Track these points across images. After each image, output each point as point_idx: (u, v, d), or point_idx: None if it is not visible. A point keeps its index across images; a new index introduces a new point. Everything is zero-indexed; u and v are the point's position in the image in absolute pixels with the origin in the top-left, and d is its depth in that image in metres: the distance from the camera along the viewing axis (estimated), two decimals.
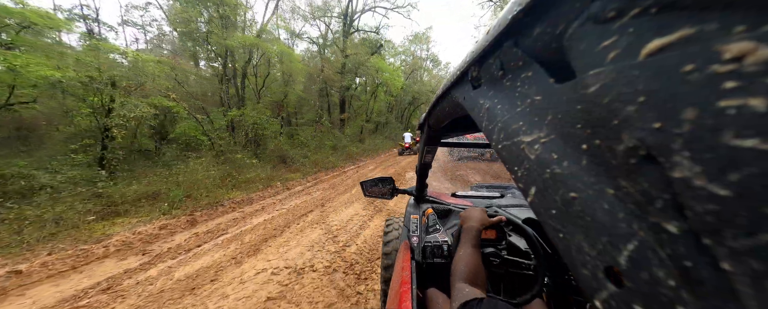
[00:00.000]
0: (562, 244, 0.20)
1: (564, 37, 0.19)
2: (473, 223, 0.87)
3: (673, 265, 0.13)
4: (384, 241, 1.77)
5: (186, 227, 4.02)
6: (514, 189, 2.12)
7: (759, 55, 0.10)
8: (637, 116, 0.14)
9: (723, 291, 0.12)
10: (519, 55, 0.25)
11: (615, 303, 0.16)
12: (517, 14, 0.23)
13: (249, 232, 3.73)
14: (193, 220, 4.27)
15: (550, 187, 0.21)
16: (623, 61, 0.15)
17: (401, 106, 24.36)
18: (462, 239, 0.83)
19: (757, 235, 0.10)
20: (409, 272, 0.98)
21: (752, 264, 0.11)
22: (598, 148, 0.17)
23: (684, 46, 0.12)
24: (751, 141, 0.10)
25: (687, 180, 0.12)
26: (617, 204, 0.16)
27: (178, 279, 2.65)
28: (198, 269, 2.81)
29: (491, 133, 0.29)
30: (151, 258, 3.08)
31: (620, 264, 0.16)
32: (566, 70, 0.19)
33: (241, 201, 5.31)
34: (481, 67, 0.34)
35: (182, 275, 2.71)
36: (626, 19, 0.15)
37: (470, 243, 0.79)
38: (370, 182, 1.69)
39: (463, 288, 0.63)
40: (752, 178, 0.10)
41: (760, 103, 0.10)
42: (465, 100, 0.40)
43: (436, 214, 1.40)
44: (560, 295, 1.06)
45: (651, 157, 0.14)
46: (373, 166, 10.25)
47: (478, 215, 0.91)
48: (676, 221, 0.13)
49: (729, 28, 0.11)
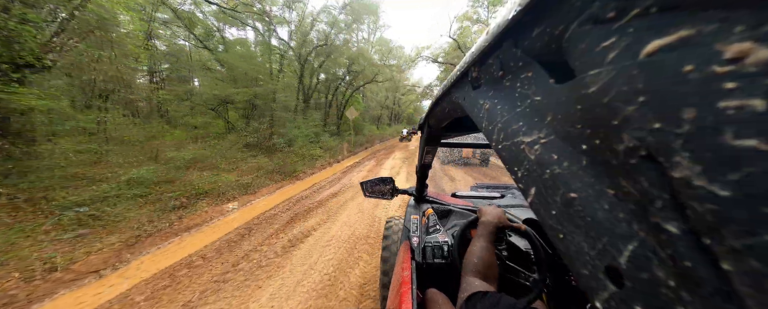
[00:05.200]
0: (562, 245, 0.20)
1: (564, 37, 0.19)
2: (491, 219, 0.86)
3: (673, 265, 0.13)
4: (383, 245, 1.77)
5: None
6: (514, 189, 2.12)
7: (759, 55, 0.10)
8: (637, 116, 0.14)
9: (723, 291, 0.12)
10: (519, 55, 0.25)
11: (615, 303, 0.16)
12: (517, 14, 0.23)
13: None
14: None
15: (550, 188, 0.21)
16: (623, 61, 0.15)
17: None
18: (478, 233, 0.83)
19: (757, 235, 0.10)
20: (409, 272, 0.98)
21: (752, 264, 0.11)
22: (598, 148, 0.17)
23: (684, 46, 0.12)
24: (751, 141, 0.10)
25: (687, 180, 0.12)
26: (617, 204, 0.16)
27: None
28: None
29: (491, 134, 0.29)
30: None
31: (620, 264, 0.16)
32: (566, 71, 0.19)
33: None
34: (480, 68, 0.34)
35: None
36: (626, 20, 0.15)
37: (485, 238, 0.79)
38: (371, 182, 1.69)
39: (473, 281, 0.63)
40: (752, 178, 0.10)
41: (759, 104, 0.10)
42: (465, 101, 0.40)
43: (437, 215, 1.40)
44: (560, 295, 1.06)
45: (651, 157, 0.14)
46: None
47: (497, 213, 0.90)
48: (676, 221, 0.13)
49: (729, 28, 0.11)
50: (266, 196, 5.44)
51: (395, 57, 26.55)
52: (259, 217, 4.27)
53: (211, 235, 3.63)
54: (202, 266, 2.88)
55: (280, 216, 4.33)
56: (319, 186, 6.28)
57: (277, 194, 5.61)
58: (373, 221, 4.05)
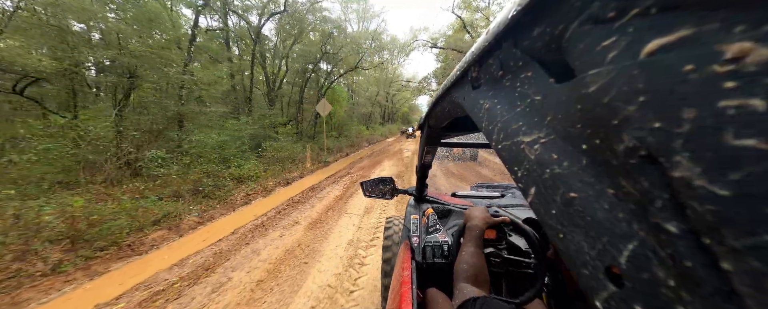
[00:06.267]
0: (562, 244, 0.20)
1: (564, 37, 0.19)
2: (476, 222, 0.86)
3: (673, 265, 0.13)
4: (384, 245, 1.77)
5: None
6: (514, 189, 2.12)
7: (759, 55, 0.10)
8: (637, 116, 0.14)
9: (723, 291, 0.12)
10: (518, 55, 0.25)
11: (615, 303, 0.16)
12: (517, 14, 0.23)
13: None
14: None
15: (550, 187, 0.21)
16: (623, 61, 0.15)
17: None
18: (465, 238, 0.83)
19: (757, 235, 0.10)
20: (409, 272, 0.98)
21: (752, 264, 0.11)
22: (598, 148, 0.17)
23: (684, 46, 0.12)
24: (751, 141, 0.10)
25: (687, 180, 0.12)
26: (617, 204, 0.16)
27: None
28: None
29: (491, 134, 0.29)
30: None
31: (620, 264, 0.16)
32: (566, 70, 0.19)
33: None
34: (481, 68, 0.34)
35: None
36: (626, 19, 0.15)
37: (473, 243, 0.79)
38: (371, 182, 1.69)
39: (464, 287, 0.63)
40: (752, 177, 0.10)
41: (759, 103, 0.10)
42: (465, 101, 0.40)
43: (437, 214, 1.40)
44: (560, 295, 1.06)
45: (651, 156, 0.14)
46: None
47: (481, 214, 0.90)
48: (676, 221, 0.13)
49: (729, 28, 0.11)
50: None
51: (386, 48, 22.20)
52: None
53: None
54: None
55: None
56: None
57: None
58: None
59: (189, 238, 3.55)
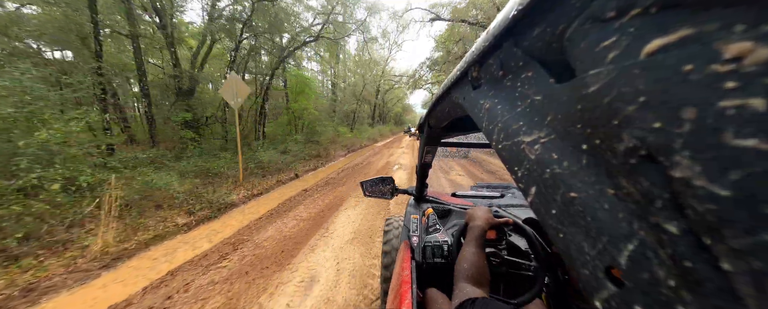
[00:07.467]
0: (562, 244, 0.20)
1: (564, 37, 0.19)
2: (479, 223, 0.86)
3: (673, 265, 0.13)
4: (384, 241, 1.77)
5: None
6: (514, 189, 2.12)
7: (759, 55, 0.10)
8: (638, 116, 0.14)
9: (723, 291, 0.12)
10: (519, 55, 0.25)
11: (615, 303, 0.16)
12: (517, 14, 0.23)
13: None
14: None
15: (550, 187, 0.21)
16: (623, 61, 0.15)
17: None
18: (467, 238, 0.83)
19: (757, 235, 0.10)
20: (409, 272, 0.98)
21: (752, 264, 0.11)
22: (599, 148, 0.17)
23: (684, 46, 0.12)
24: (751, 141, 0.10)
25: (687, 180, 0.12)
26: (617, 204, 0.16)
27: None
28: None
29: (491, 133, 0.29)
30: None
31: (620, 264, 0.16)
32: (566, 70, 0.19)
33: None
34: (481, 68, 0.34)
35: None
36: (626, 19, 0.15)
37: (474, 242, 0.79)
38: (370, 182, 1.69)
39: (464, 287, 0.63)
40: (752, 177, 0.10)
41: (759, 103, 0.10)
42: (465, 101, 0.40)
43: (437, 214, 1.40)
44: (560, 295, 1.06)
45: (651, 156, 0.14)
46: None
47: (483, 214, 0.90)
48: (677, 221, 0.13)
49: (729, 28, 0.11)
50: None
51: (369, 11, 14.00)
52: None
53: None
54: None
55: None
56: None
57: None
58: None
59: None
